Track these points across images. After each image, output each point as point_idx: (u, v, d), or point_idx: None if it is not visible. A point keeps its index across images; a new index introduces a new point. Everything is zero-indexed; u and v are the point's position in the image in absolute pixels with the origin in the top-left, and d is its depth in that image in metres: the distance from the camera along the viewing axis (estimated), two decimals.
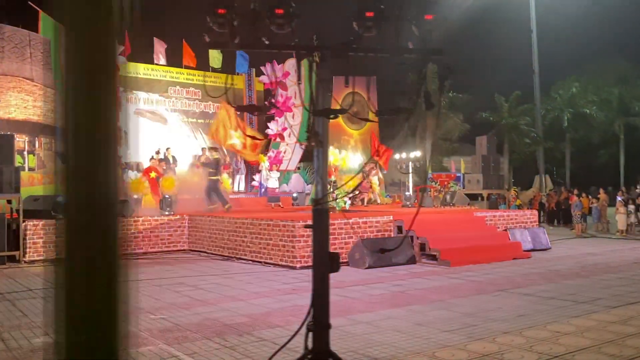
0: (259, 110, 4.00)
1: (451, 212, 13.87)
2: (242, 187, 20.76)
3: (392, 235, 11.51)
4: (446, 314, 6.53)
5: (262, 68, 22.64)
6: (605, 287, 8.11)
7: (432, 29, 3.51)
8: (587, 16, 44.74)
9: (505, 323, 6.03)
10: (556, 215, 22.47)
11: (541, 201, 23.31)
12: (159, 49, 21.07)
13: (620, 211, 17.79)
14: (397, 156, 23.93)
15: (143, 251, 13.01)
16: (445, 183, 28.10)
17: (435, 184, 26.56)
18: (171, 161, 19.46)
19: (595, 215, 19.23)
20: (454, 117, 37.91)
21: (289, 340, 3.92)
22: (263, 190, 19.66)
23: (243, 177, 20.98)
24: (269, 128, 22.62)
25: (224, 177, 17.63)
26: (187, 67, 21.67)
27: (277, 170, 19.88)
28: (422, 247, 11.07)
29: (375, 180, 20.51)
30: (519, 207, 23.69)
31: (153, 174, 16.52)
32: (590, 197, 20.03)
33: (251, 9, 3.60)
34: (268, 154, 22.05)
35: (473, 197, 21.19)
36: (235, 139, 16.68)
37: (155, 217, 13.40)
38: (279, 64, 22.76)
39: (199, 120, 21.94)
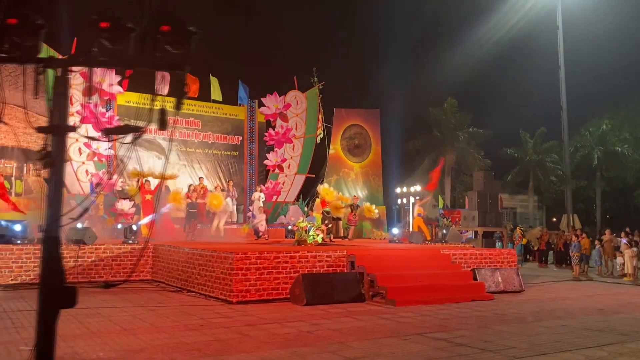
0: None
1: (416, 249, 13.23)
2: (234, 218, 20.49)
3: (345, 271, 11.00)
4: (328, 358, 6.02)
5: (262, 100, 22.62)
6: (534, 335, 7.41)
7: (173, 42, 3.19)
8: (623, 53, 43.58)
9: None
10: (564, 256, 21.34)
11: (549, 241, 22.21)
12: (164, 78, 21.24)
13: (626, 253, 16.71)
14: (397, 190, 23.35)
15: (104, 280, 12.84)
16: (457, 219, 27.29)
17: (447, 220, 25.81)
18: (163, 190, 19.46)
19: (597, 256, 18.15)
20: (473, 152, 37.15)
21: None
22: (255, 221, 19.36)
23: (235, 207, 20.71)
24: (267, 159, 22.46)
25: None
26: (188, 98, 21.77)
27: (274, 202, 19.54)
28: (373, 284, 10.51)
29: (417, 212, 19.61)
30: (525, 246, 22.69)
31: (149, 197, 16.53)
32: (578, 236, 18.86)
33: None
34: (266, 185, 21.87)
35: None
36: None
37: (118, 246, 13.25)
38: (280, 96, 22.73)
39: (198, 150, 21.96)
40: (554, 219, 48.59)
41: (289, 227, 20.28)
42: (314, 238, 14.09)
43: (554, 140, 39.62)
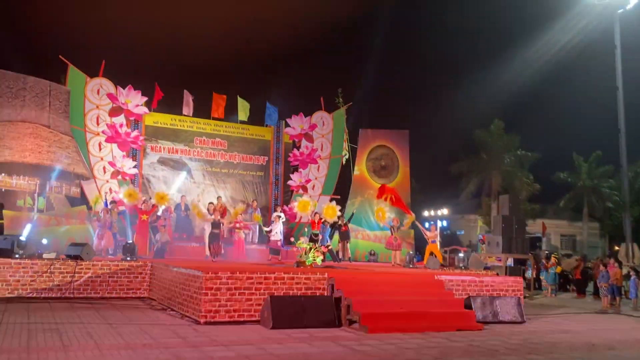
0: None
1: (408, 274, 12.58)
2: (255, 238, 20.34)
3: (325, 295, 10.59)
4: None
5: (287, 120, 22.58)
6: None
7: None
8: None
9: None
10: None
11: (586, 270, 20.82)
12: (188, 100, 21.66)
13: None
14: (425, 213, 22.58)
15: (100, 296, 12.94)
16: None
17: (485, 245, 24.78)
18: (183, 209, 19.66)
19: (632, 288, 16.82)
20: (521, 175, 35.71)
21: None
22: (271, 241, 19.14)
23: (257, 227, 20.56)
24: (291, 179, 22.30)
25: None
26: (215, 119, 22.02)
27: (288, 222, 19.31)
28: (349, 309, 10.05)
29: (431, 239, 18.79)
30: (560, 275, 21.37)
31: (144, 217, 16.74)
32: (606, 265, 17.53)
33: None
34: (289, 206, 21.66)
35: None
36: None
37: (116, 262, 13.35)
38: (306, 117, 22.64)
39: (223, 170, 22.07)
40: (616, 248, 46.02)
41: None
42: (313, 259, 13.74)
43: (610, 164, 37.61)
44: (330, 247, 17.45)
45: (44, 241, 15.10)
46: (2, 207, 17.14)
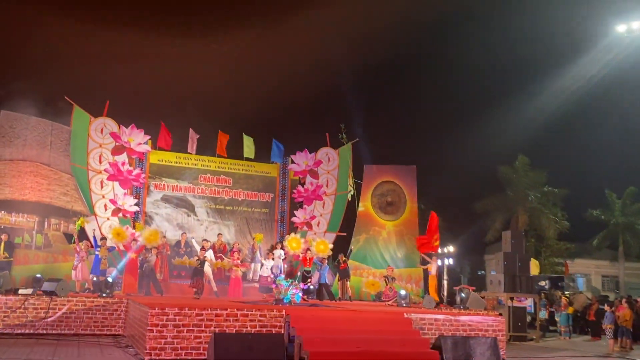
0: None
1: (375, 312, 11.97)
2: (255, 276, 19.99)
3: (282, 332, 10.16)
4: None
5: (292, 157, 22.44)
6: None
7: None
8: None
9: None
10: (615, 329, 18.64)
11: (600, 311, 19.52)
12: (193, 138, 21.84)
13: None
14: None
15: (73, 332, 12.82)
16: None
17: None
18: (182, 245, 19.59)
19: None
20: (548, 213, 34.31)
21: None
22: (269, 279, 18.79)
23: (259, 265, 20.23)
24: (295, 216, 22.01)
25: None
26: (220, 156, 22.11)
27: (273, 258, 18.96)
28: (301, 348, 9.57)
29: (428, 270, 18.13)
30: (572, 315, 20.15)
31: (133, 255, 16.72)
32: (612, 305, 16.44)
33: None
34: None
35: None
36: None
37: (91, 299, 13.26)
38: (310, 153, 22.45)
39: (227, 207, 22.00)
40: None
41: (310, 287, 19.49)
42: (291, 297, 13.33)
43: None
44: (310, 285, 17.08)
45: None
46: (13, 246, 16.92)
